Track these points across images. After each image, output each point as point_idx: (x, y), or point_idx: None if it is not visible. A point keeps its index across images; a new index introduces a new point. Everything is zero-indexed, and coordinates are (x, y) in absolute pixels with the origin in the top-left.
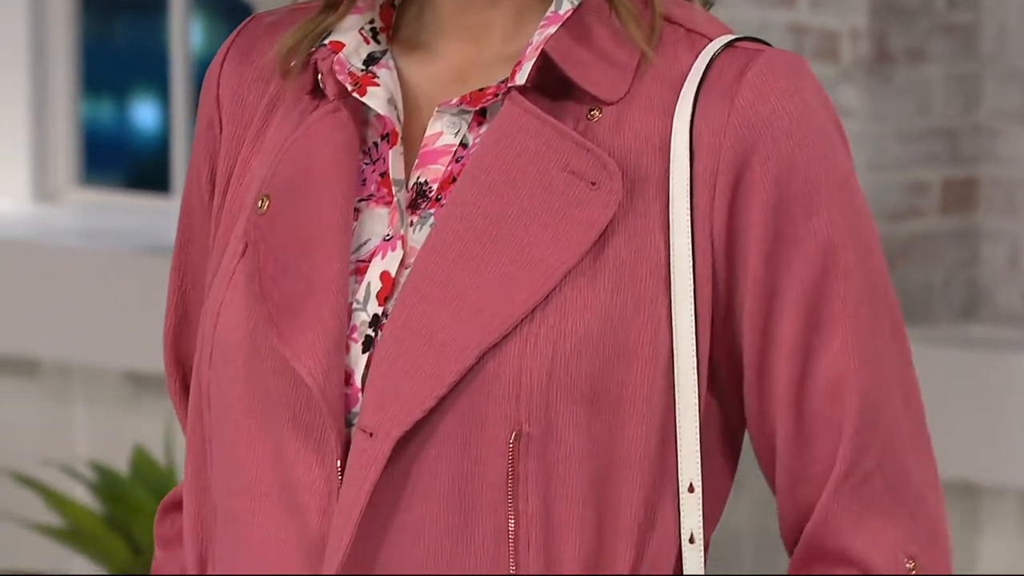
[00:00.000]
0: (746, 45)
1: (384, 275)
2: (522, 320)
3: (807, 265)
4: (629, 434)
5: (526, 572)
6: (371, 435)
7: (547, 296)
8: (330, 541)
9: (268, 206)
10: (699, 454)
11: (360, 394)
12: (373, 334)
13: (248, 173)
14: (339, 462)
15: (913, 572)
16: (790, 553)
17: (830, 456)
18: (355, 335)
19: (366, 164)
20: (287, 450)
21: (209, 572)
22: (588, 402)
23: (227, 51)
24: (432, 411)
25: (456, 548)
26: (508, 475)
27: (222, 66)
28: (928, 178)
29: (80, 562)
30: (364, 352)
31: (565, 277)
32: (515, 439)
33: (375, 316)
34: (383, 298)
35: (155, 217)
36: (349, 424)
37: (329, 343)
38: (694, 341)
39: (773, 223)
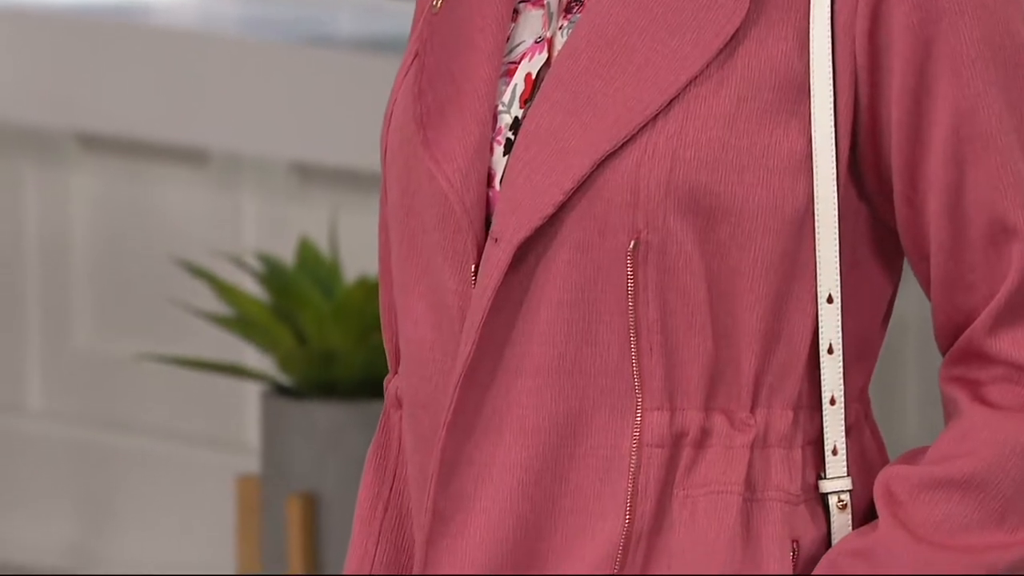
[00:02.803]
0: None
1: (527, 77)
2: (642, 128)
3: (957, 79)
4: (753, 244)
5: (650, 376)
6: (496, 241)
7: (669, 103)
8: (460, 345)
9: (441, 5)
10: (838, 265)
11: None
12: (513, 137)
13: None
14: (474, 267)
15: None
16: (943, 353)
17: (995, 266)
18: (499, 137)
19: None
20: (434, 252)
21: (400, 366)
22: (708, 212)
23: None
24: (553, 218)
25: (581, 351)
26: (628, 282)
27: None
28: None
29: (249, 350)
30: (505, 155)
31: (689, 84)
32: (634, 247)
33: (515, 119)
34: (523, 101)
35: (323, 7)
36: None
37: (469, 147)
38: (834, 152)
39: (921, 37)
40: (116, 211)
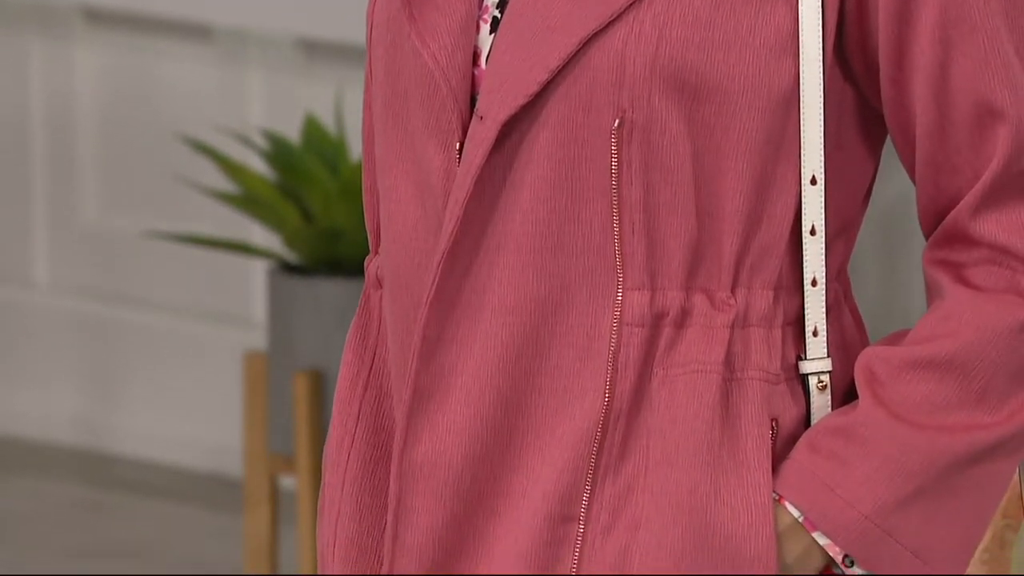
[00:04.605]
0: None
1: None
2: (629, 6)
3: None
4: (738, 124)
5: (631, 255)
6: (482, 118)
7: None
8: (444, 222)
9: None
10: (822, 147)
11: None
12: (499, 15)
13: None
14: (459, 145)
15: None
16: (926, 236)
17: (980, 149)
18: (485, 16)
19: None
20: (419, 131)
21: (381, 246)
22: (693, 90)
23: None
24: (538, 96)
25: (563, 229)
26: (612, 161)
27: None
28: None
29: (255, 227)
30: (491, 33)
31: None
32: (618, 125)
33: None
34: None
35: None
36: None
37: (455, 25)
38: (820, 32)
39: None
40: (121, 87)
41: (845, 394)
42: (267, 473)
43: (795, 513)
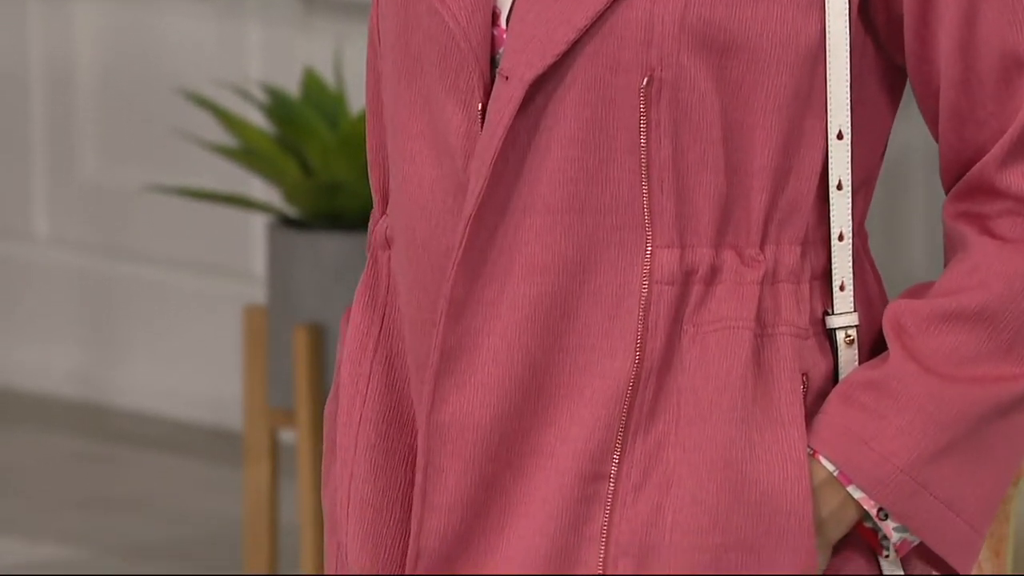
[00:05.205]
0: None
1: None
2: None
3: None
4: (767, 80)
5: (660, 213)
6: (507, 78)
7: None
8: (470, 183)
9: None
10: (848, 101)
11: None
12: None
13: None
14: (481, 105)
15: None
16: (947, 190)
17: (1006, 102)
18: None
19: None
20: (435, 90)
21: (391, 206)
22: (722, 48)
23: None
24: (565, 56)
25: (591, 189)
26: (640, 119)
27: None
28: None
29: (255, 181)
30: None
31: None
32: (647, 84)
33: None
34: None
35: None
36: (496, 66)
37: None
38: None
39: None
40: (120, 41)
41: (870, 348)
42: (267, 427)
43: (829, 467)
